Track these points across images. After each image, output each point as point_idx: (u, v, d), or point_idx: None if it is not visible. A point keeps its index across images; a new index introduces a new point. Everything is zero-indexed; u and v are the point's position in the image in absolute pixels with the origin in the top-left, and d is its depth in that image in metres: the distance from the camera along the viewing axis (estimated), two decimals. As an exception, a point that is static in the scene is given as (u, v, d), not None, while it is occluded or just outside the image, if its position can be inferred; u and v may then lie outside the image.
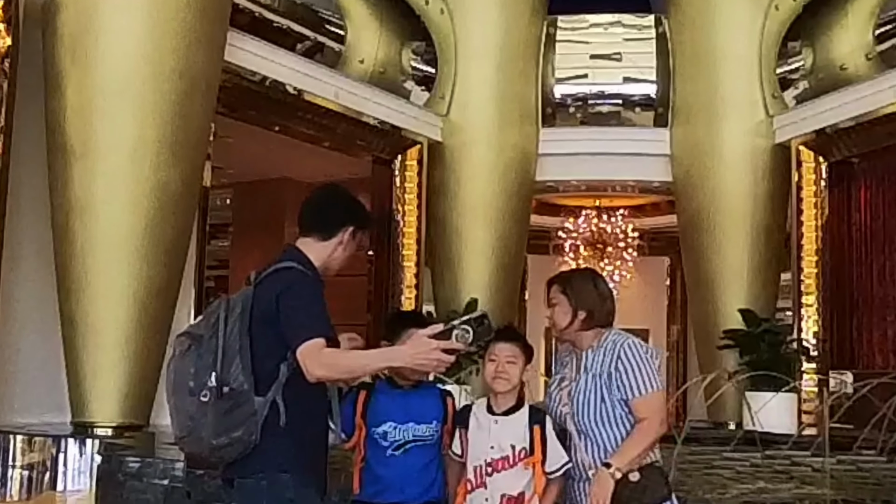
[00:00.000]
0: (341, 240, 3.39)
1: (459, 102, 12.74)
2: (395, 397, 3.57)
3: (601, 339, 3.58)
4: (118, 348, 8.22)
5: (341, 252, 3.40)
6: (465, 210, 12.57)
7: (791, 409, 10.56)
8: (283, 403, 3.13)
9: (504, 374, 3.46)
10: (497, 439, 3.45)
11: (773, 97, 12.30)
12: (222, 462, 3.23)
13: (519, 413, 3.49)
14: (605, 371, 3.51)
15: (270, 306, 3.17)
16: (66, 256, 8.29)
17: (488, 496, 3.43)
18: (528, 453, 3.42)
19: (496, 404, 3.50)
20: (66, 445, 8.00)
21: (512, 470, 3.42)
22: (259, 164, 13.61)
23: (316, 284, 3.25)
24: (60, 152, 8.30)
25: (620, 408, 3.49)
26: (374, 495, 3.52)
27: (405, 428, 3.52)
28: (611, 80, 13.64)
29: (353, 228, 3.40)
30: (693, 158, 12.63)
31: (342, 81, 11.48)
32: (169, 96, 8.38)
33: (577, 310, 3.57)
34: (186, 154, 8.59)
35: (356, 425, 3.53)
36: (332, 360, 3.10)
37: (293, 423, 3.14)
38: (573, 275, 3.83)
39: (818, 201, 12.14)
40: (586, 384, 3.52)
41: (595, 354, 3.56)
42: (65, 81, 8.29)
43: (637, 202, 15.71)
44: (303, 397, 3.16)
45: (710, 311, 12.30)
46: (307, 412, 3.20)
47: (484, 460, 3.44)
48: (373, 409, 3.54)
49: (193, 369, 3.14)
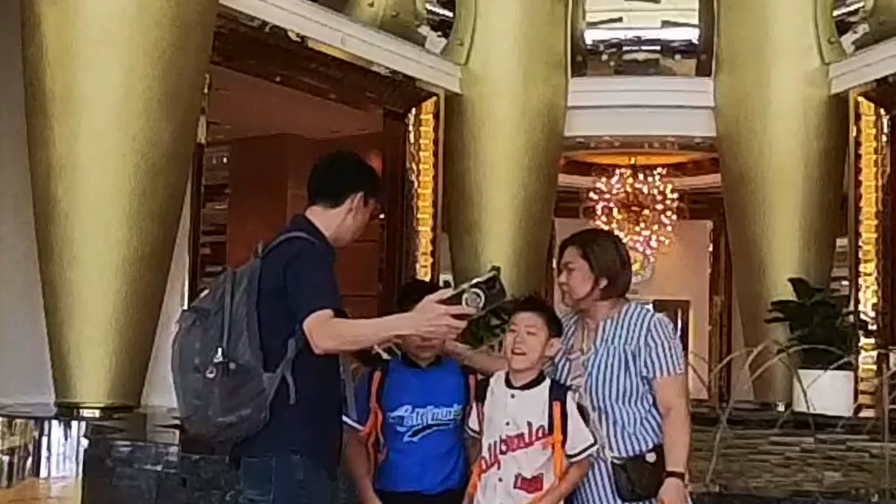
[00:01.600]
0: (350, 206, 3.45)
1: (480, 50, 12.68)
2: (412, 377, 3.59)
3: (622, 310, 3.59)
4: (105, 321, 8.27)
5: (352, 220, 3.47)
6: (485, 169, 12.54)
7: (847, 389, 10.54)
8: (292, 380, 3.23)
9: (522, 345, 3.46)
10: (513, 415, 3.45)
11: (830, 42, 12.19)
12: (230, 441, 3.34)
13: (539, 388, 3.49)
14: (633, 345, 3.51)
15: (278, 279, 3.26)
16: (47, 221, 8.31)
17: (501, 476, 3.44)
18: (547, 432, 3.43)
19: (514, 377, 3.51)
20: (50, 428, 8.08)
21: (528, 449, 3.42)
22: (258, 119, 13.62)
23: (324, 254, 3.33)
24: (39, 106, 8.31)
25: (642, 385, 3.52)
26: (389, 484, 3.55)
27: (424, 412, 3.55)
28: (648, 24, 13.55)
29: (363, 194, 3.46)
30: (739, 111, 12.54)
31: (350, 27, 11.43)
32: (159, 44, 8.36)
33: (599, 277, 3.57)
34: (179, 108, 8.58)
35: (370, 409, 3.55)
36: (339, 330, 3.18)
37: (304, 401, 3.24)
38: (594, 236, 3.81)
39: (879, 158, 12.04)
40: (607, 358, 3.53)
41: (616, 327, 3.56)
42: (42, 26, 8.26)
43: (677, 160, 15.65)
44: (314, 374, 3.25)
45: (757, 281, 12.27)
46: (318, 390, 3.29)
47: (498, 436, 3.45)
48: (388, 391, 3.56)
49: (199, 345, 3.25)
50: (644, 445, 3.50)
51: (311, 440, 3.27)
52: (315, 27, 10.92)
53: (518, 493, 3.41)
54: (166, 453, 5.47)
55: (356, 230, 3.49)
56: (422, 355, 3.59)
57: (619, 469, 3.47)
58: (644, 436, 3.52)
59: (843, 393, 10.29)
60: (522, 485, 3.42)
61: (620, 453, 3.49)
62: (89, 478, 6.10)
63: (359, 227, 3.49)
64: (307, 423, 3.26)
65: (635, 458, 3.47)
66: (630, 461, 3.47)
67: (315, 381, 3.27)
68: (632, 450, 3.50)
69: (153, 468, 5.43)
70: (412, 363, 3.62)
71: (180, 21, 8.48)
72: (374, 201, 3.50)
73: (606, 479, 3.50)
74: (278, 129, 14.39)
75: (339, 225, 3.45)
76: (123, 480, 5.57)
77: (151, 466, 5.45)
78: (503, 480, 3.43)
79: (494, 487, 3.44)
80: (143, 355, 8.40)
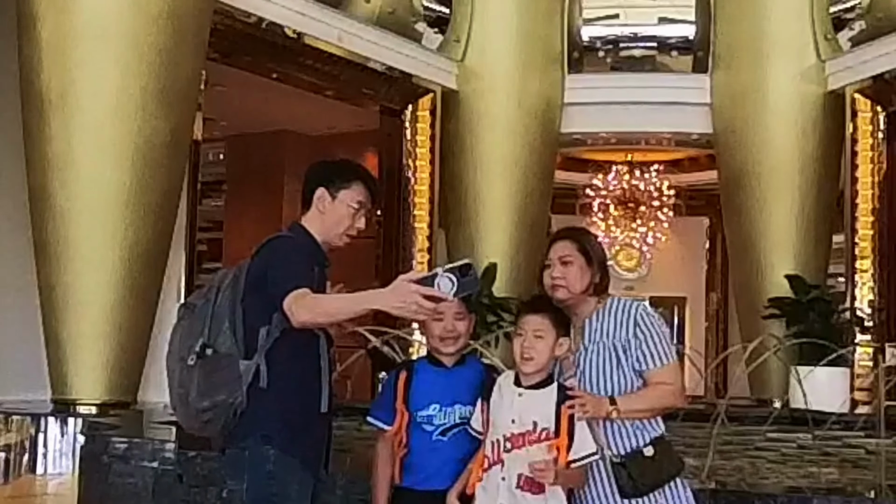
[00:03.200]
0: (318, 206, 3.58)
1: (476, 46, 12.68)
2: (438, 377, 3.61)
3: (606, 304, 3.58)
4: (102, 318, 8.27)
5: (328, 217, 3.57)
6: (482, 165, 12.54)
7: (843, 386, 10.55)
8: (265, 366, 3.38)
9: (531, 351, 3.44)
10: (519, 413, 3.43)
11: (826, 39, 12.19)
12: (211, 434, 3.50)
13: (548, 389, 3.46)
14: (621, 339, 3.50)
15: (259, 270, 3.42)
16: (43, 218, 8.31)
17: (505, 475, 3.41)
18: (553, 435, 3.42)
19: (524, 378, 3.50)
20: (46, 425, 8.08)
21: (532, 447, 3.42)
22: (255, 116, 13.60)
23: (303, 247, 3.49)
24: (36, 103, 8.30)
25: (635, 379, 3.50)
26: (417, 483, 3.56)
27: (451, 410, 3.56)
28: (645, 20, 13.56)
29: (322, 190, 3.58)
30: (736, 108, 12.55)
31: (346, 23, 11.42)
32: (155, 40, 8.35)
33: (595, 271, 3.57)
34: (175, 104, 8.58)
35: (397, 410, 3.57)
36: (314, 302, 3.28)
37: (278, 389, 3.39)
38: (584, 231, 3.82)
39: (875, 155, 12.05)
40: (598, 354, 3.52)
41: (602, 322, 3.55)
42: (39, 22, 8.26)
43: (673, 156, 15.65)
44: (288, 363, 3.40)
45: (753, 278, 12.28)
46: (294, 378, 3.42)
47: (503, 434, 3.43)
48: (415, 391, 3.59)
49: (183, 336, 3.44)
50: (641, 440, 3.49)
51: (283, 429, 3.38)
52: (311, 23, 10.92)
53: (521, 494, 3.39)
54: (163, 450, 5.47)
55: (337, 225, 3.58)
56: (445, 350, 3.60)
57: (619, 468, 3.45)
58: (641, 431, 3.51)
59: (839, 390, 10.29)
60: (525, 484, 3.39)
61: (619, 450, 3.47)
62: (85, 474, 6.10)
63: (339, 222, 3.58)
64: (281, 409, 3.38)
65: (633, 454, 3.47)
66: (629, 458, 3.46)
67: (290, 369, 3.40)
68: (629, 446, 3.49)
69: (149, 465, 5.43)
70: (438, 363, 3.64)
71: (176, 17, 8.47)
72: (342, 192, 3.58)
73: (606, 479, 3.49)
74: (275, 125, 14.37)
75: (320, 226, 3.57)
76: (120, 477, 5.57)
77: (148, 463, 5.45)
78: (506, 480, 3.41)
79: (497, 487, 3.42)
80: (139, 352, 8.40)
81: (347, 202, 3.57)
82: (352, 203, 3.57)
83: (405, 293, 3.15)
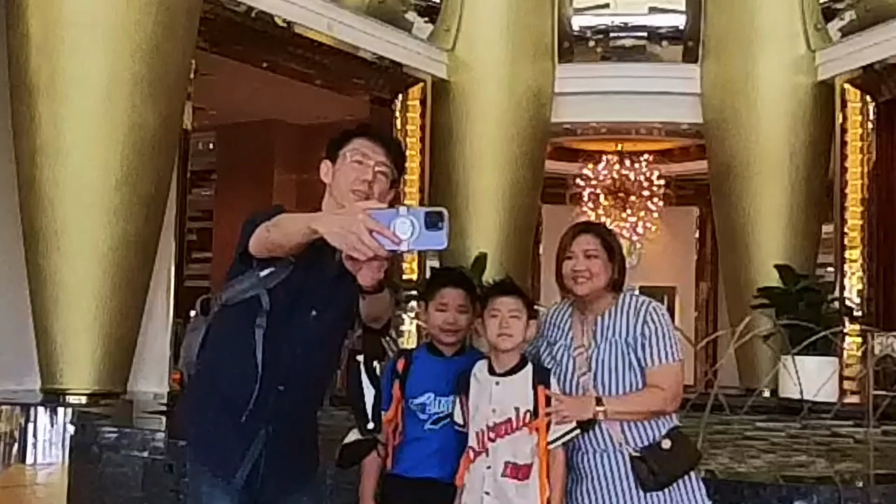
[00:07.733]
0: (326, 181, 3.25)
1: (466, 35, 12.67)
2: (437, 365, 3.60)
3: (618, 301, 3.58)
4: (92, 308, 8.25)
5: (336, 187, 3.20)
6: (472, 155, 12.54)
7: (832, 375, 10.57)
8: (203, 331, 3.21)
9: (508, 329, 3.47)
10: (499, 402, 3.45)
11: (816, 29, 12.21)
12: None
13: (522, 372, 3.49)
14: (632, 335, 3.50)
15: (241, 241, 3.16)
16: (32, 207, 8.29)
17: (490, 464, 3.43)
18: (533, 416, 3.44)
19: (498, 364, 3.50)
20: (36, 415, 8.07)
21: (516, 434, 3.43)
22: (245, 105, 13.58)
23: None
24: (24, 91, 8.27)
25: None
26: (408, 470, 3.55)
27: (446, 400, 3.55)
28: (635, 9, 13.56)
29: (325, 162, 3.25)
30: (726, 98, 12.57)
31: (336, 12, 11.40)
32: (145, 29, 8.33)
33: (615, 267, 3.57)
34: (165, 93, 8.56)
35: (393, 396, 3.56)
36: (265, 225, 2.92)
37: (209, 360, 3.18)
38: (604, 226, 3.86)
39: (865, 145, 12.08)
40: (610, 351, 3.52)
41: (614, 319, 3.55)
42: (27, 10, 8.23)
43: (663, 146, 15.67)
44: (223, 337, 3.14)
45: (743, 267, 12.31)
46: (225, 353, 3.12)
47: (486, 424, 3.44)
48: (412, 378, 3.58)
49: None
50: (658, 433, 3.49)
51: (196, 434, 3.20)
52: (301, 12, 10.90)
53: (505, 482, 3.40)
54: (153, 439, 5.46)
55: (343, 186, 3.16)
56: (445, 340, 3.60)
57: (638, 462, 3.45)
58: (656, 424, 3.50)
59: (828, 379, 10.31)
60: (511, 472, 3.41)
61: (636, 445, 3.48)
62: (75, 464, 6.09)
63: (345, 181, 3.16)
64: (196, 415, 3.17)
65: (651, 447, 3.46)
66: (648, 451, 3.46)
67: (223, 343, 3.13)
68: (647, 439, 3.49)
69: (139, 454, 5.42)
70: (437, 351, 3.64)
71: (166, 6, 8.45)
72: (341, 151, 3.20)
73: (625, 473, 3.49)
74: (265, 114, 14.36)
75: (329, 199, 3.19)
76: (110, 467, 5.55)
77: (138, 453, 5.43)
78: (492, 468, 3.42)
79: (483, 477, 3.43)
80: (129, 341, 8.40)
81: (349, 158, 3.16)
82: (353, 156, 3.16)
83: (350, 219, 2.58)
